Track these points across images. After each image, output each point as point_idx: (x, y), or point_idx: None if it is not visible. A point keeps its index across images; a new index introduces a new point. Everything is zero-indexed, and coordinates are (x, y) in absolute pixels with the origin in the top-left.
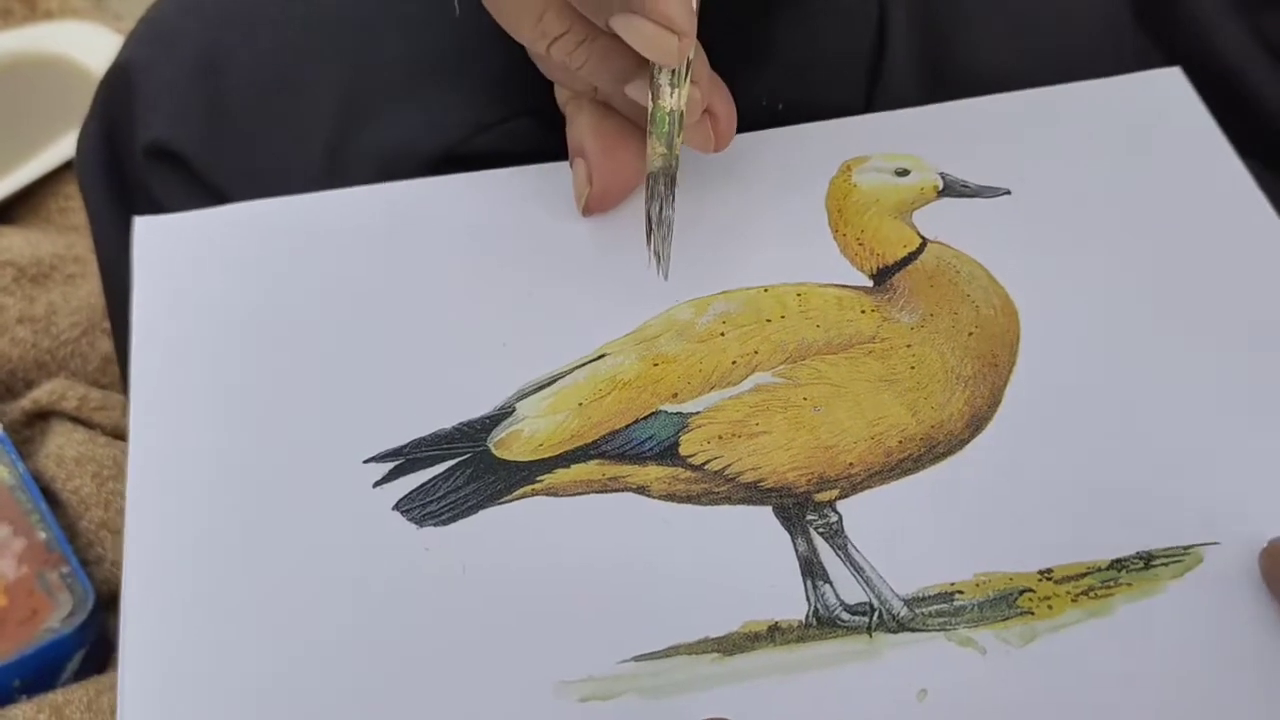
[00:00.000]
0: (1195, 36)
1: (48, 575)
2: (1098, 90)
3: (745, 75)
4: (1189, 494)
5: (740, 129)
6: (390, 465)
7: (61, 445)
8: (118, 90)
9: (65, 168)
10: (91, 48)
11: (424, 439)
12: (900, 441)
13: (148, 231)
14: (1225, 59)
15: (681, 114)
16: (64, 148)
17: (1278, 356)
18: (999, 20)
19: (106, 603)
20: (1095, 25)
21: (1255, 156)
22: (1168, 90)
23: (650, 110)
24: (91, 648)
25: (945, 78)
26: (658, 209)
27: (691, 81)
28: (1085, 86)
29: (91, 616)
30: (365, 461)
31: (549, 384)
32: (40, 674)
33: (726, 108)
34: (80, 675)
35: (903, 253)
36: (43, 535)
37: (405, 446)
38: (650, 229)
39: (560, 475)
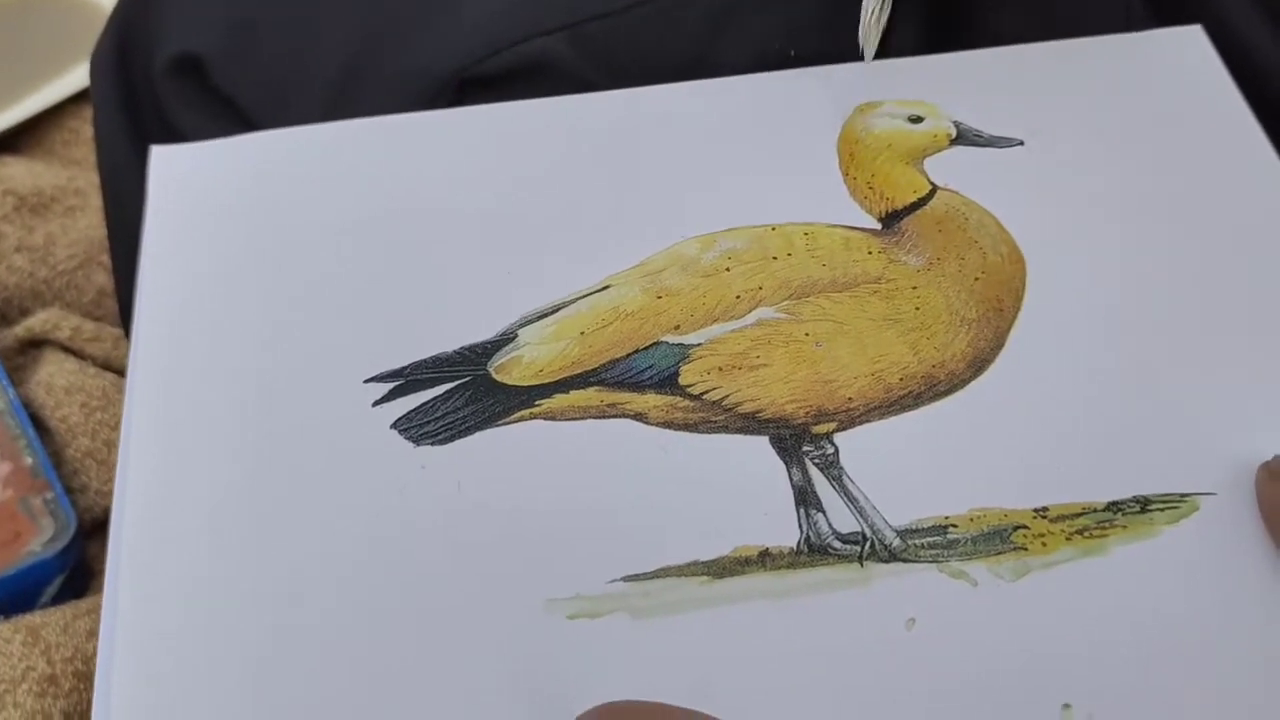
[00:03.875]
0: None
1: (32, 500)
2: (1115, 45)
3: (758, 20)
4: (1188, 444)
5: (753, 70)
6: (390, 386)
7: (52, 374)
8: (136, 5)
9: (71, 101)
10: None
11: (424, 361)
12: (901, 379)
13: (163, 159)
14: (1237, 33)
15: None
16: (70, 80)
17: None
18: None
19: (88, 530)
20: (1108, 14)
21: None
22: (1186, 48)
23: None
24: (71, 573)
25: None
26: (879, 4)
27: None
28: (1103, 41)
29: (73, 542)
30: (365, 381)
31: (551, 312)
32: (19, 596)
33: None
34: (59, 599)
35: (912, 198)
36: (29, 460)
37: (406, 368)
38: (866, 21)
39: (559, 400)
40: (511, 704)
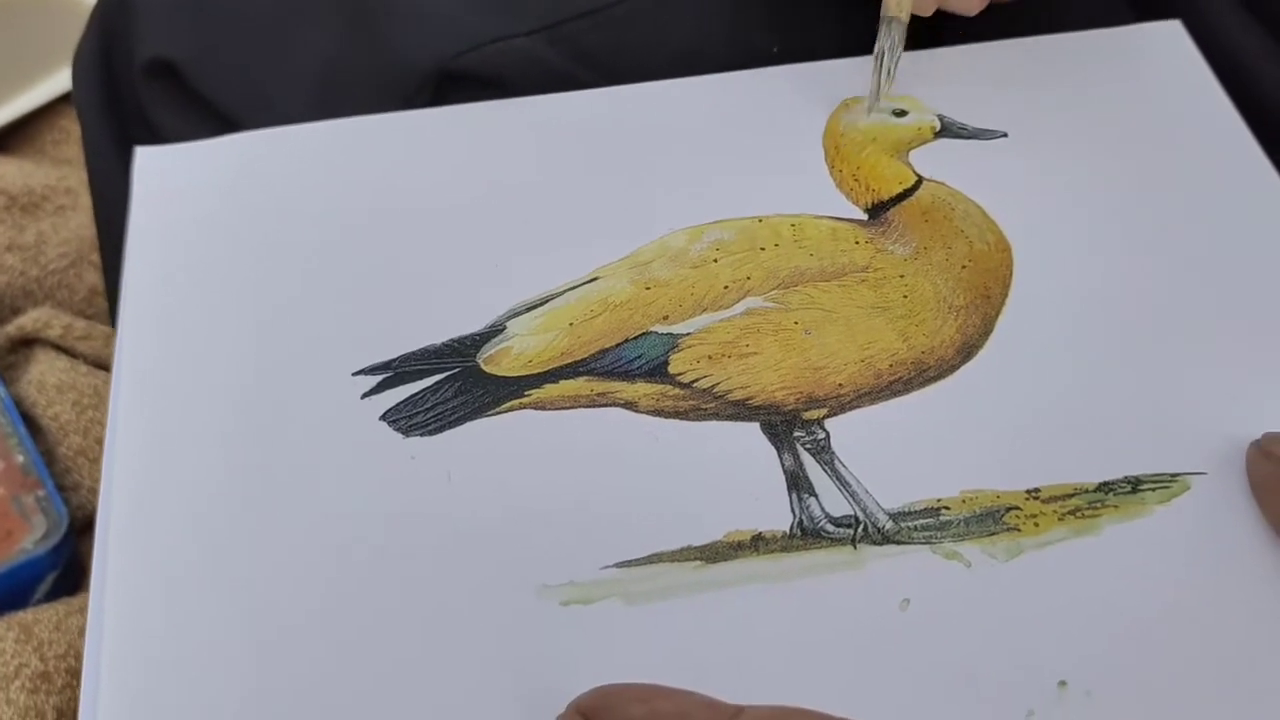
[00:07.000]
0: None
1: (24, 498)
2: (1097, 39)
3: (740, 16)
4: (1178, 424)
5: (736, 67)
6: (379, 378)
7: (44, 372)
8: (114, 8)
9: (61, 100)
10: None
11: (413, 354)
12: (891, 365)
13: (148, 161)
14: (1222, 40)
15: None
16: (60, 80)
17: (1267, 295)
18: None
19: (80, 527)
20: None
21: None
22: (1166, 42)
23: None
24: (64, 570)
25: None
26: (891, 52)
27: None
28: (1084, 36)
29: (65, 540)
30: (354, 374)
31: (540, 304)
32: (12, 593)
33: None
34: (51, 597)
35: (898, 189)
36: (20, 459)
37: (394, 360)
38: (877, 67)
39: (549, 390)
40: (506, 691)
